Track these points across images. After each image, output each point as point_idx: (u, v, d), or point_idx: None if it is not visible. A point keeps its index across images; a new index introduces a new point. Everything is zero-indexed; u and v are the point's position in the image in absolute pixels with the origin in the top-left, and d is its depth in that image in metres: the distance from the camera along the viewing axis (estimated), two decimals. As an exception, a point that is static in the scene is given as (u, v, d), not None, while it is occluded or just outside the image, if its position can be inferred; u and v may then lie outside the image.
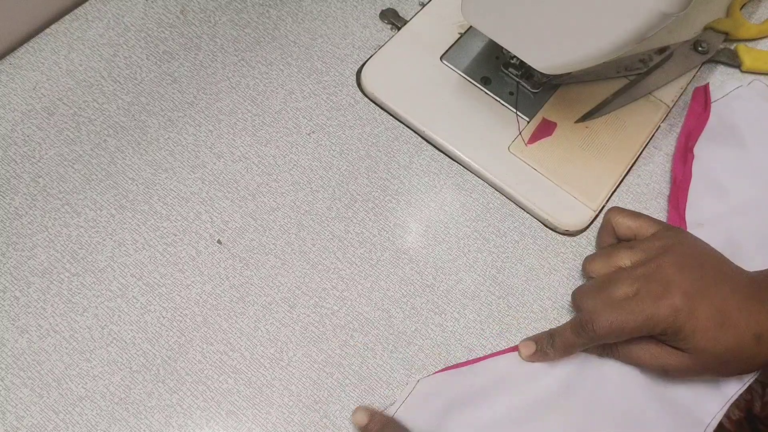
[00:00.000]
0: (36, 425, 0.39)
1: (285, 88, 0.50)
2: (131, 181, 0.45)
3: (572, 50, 0.40)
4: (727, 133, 0.49)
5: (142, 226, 0.44)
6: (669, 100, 0.52)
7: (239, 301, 0.43)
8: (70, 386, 0.40)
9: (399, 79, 0.50)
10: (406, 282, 0.44)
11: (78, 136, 0.46)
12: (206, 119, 0.48)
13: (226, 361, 0.41)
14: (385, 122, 0.49)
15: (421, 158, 0.48)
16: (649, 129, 0.51)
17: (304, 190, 0.46)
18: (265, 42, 0.51)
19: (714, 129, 0.49)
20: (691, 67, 0.53)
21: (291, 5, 0.53)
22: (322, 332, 0.43)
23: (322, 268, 0.44)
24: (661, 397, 0.41)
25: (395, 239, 0.46)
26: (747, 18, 0.55)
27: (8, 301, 0.41)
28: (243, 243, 0.44)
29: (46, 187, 0.44)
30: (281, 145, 0.48)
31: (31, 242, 0.43)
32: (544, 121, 0.50)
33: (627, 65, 0.52)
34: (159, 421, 0.39)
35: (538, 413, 0.40)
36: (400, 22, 0.53)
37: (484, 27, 0.44)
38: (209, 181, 0.46)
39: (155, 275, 0.43)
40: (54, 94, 0.47)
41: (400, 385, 0.42)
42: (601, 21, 0.37)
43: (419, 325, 0.43)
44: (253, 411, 0.40)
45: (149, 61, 0.49)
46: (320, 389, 0.41)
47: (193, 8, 0.51)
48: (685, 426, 0.41)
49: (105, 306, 0.42)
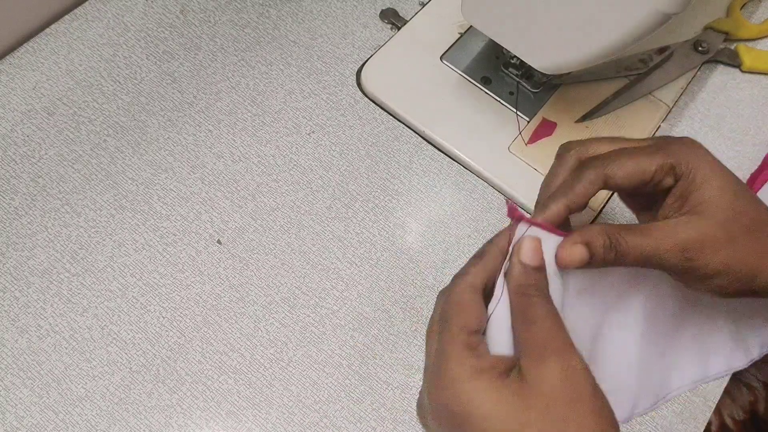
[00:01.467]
0: (36, 425, 0.39)
1: (285, 88, 0.50)
2: (131, 181, 0.45)
3: (572, 50, 0.40)
4: None
5: (142, 226, 0.44)
6: (669, 100, 0.52)
7: (239, 301, 0.43)
8: (70, 386, 0.40)
9: (399, 79, 0.50)
10: (406, 282, 0.44)
11: (78, 136, 0.46)
12: (206, 119, 0.48)
13: (226, 361, 0.41)
14: (385, 122, 0.49)
15: (421, 158, 0.48)
16: (649, 129, 0.51)
17: (304, 190, 0.46)
18: (265, 42, 0.51)
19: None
20: (691, 67, 0.53)
21: (291, 5, 0.53)
22: (322, 332, 0.42)
23: (322, 268, 0.44)
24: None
25: (395, 239, 0.46)
26: (747, 18, 0.55)
27: (8, 301, 0.41)
28: (243, 243, 0.44)
29: (46, 187, 0.44)
30: (281, 145, 0.48)
31: (31, 242, 0.43)
32: (544, 121, 0.50)
33: (627, 65, 0.52)
34: (159, 421, 0.39)
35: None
36: (400, 21, 0.53)
37: (484, 27, 0.44)
38: (209, 181, 0.46)
39: (155, 275, 0.43)
40: (54, 94, 0.47)
41: (400, 385, 0.42)
42: (601, 21, 0.37)
43: (419, 325, 0.43)
44: (253, 411, 0.40)
45: (149, 61, 0.49)
46: (320, 389, 0.41)
47: (193, 8, 0.51)
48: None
49: (105, 306, 0.42)
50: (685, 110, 0.53)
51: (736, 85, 0.55)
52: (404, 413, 0.41)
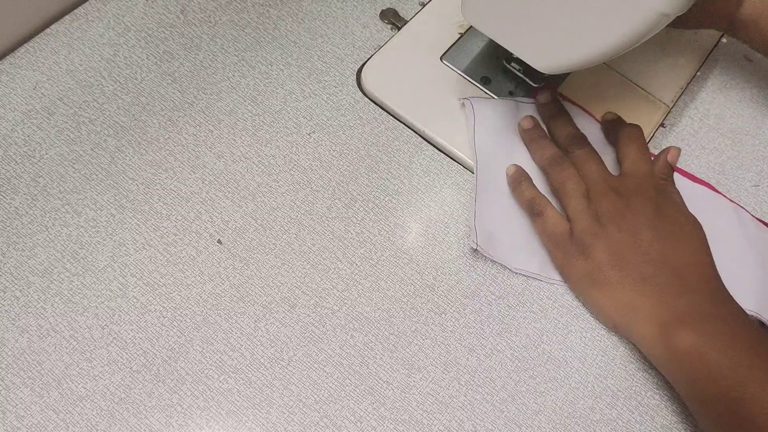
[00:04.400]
0: (36, 425, 0.39)
1: (285, 88, 0.50)
2: (131, 181, 0.45)
3: (572, 50, 0.40)
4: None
5: (142, 226, 0.44)
6: (669, 100, 0.52)
7: (239, 300, 0.43)
8: (70, 386, 0.40)
9: (399, 79, 0.50)
10: (406, 282, 0.45)
11: (78, 136, 0.46)
12: (206, 119, 0.48)
13: (226, 360, 0.41)
14: (385, 122, 0.49)
15: (421, 158, 0.48)
16: (649, 129, 0.51)
17: (304, 190, 0.46)
18: (265, 42, 0.51)
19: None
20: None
21: (291, 5, 0.53)
22: (322, 332, 0.43)
23: (322, 268, 0.44)
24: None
25: (395, 239, 0.46)
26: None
27: (8, 301, 0.41)
28: (243, 243, 0.44)
29: (46, 187, 0.44)
30: (281, 145, 0.48)
31: (31, 242, 0.43)
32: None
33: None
34: (159, 421, 0.39)
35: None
36: (400, 22, 0.53)
37: (484, 27, 0.44)
38: (209, 180, 0.46)
39: (155, 275, 0.43)
40: (54, 94, 0.47)
41: (400, 386, 0.42)
42: (601, 21, 0.37)
43: (419, 325, 0.43)
44: (253, 411, 0.40)
45: (149, 61, 0.49)
46: (320, 389, 0.41)
47: (193, 8, 0.51)
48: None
49: (105, 306, 0.42)
50: (685, 110, 0.53)
51: (736, 85, 0.55)
52: (404, 413, 0.41)
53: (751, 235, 0.47)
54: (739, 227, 0.47)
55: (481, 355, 0.43)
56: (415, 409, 0.41)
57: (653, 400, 0.43)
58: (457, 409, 0.42)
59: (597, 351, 0.44)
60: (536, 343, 0.44)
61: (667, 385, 0.43)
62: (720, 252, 0.43)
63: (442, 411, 0.41)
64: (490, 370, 0.43)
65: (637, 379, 0.44)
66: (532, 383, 0.43)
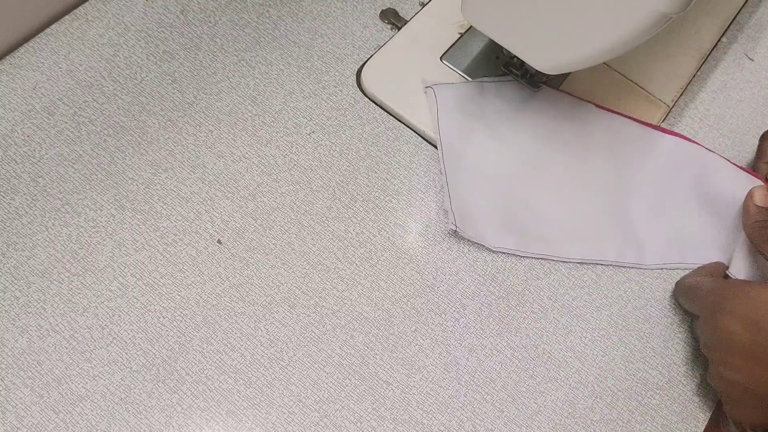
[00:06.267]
0: (36, 425, 0.39)
1: (285, 88, 0.50)
2: (131, 181, 0.45)
3: (572, 50, 0.40)
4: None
5: (142, 226, 0.44)
6: (669, 100, 0.52)
7: (239, 301, 0.43)
8: (70, 386, 0.40)
9: (399, 79, 0.50)
10: (406, 282, 0.45)
11: (78, 136, 0.46)
12: (206, 119, 0.48)
13: (226, 360, 0.41)
14: (385, 122, 0.49)
15: (421, 158, 0.48)
16: (649, 129, 0.51)
17: (304, 190, 0.46)
18: (265, 42, 0.51)
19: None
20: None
21: (291, 5, 0.53)
22: (322, 332, 0.43)
23: (322, 268, 0.44)
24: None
25: (395, 239, 0.46)
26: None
27: (8, 301, 0.41)
28: (243, 243, 0.44)
29: (46, 187, 0.44)
30: (281, 145, 0.48)
31: (31, 242, 0.43)
32: (544, 121, 0.50)
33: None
34: (159, 421, 0.39)
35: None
36: (400, 22, 0.53)
37: (484, 27, 0.44)
38: (209, 180, 0.46)
39: (155, 275, 0.43)
40: (54, 94, 0.47)
41: (400, 385, 0.42)
42: (601, 21, 0.37)
43: (419, 325, 0.43)
44: (253, 411, 0.40)
45: (149, 61, 0.49)
46: (320, 389, 0.41)
47: (193, 8, 0.51)
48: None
49: (105, 306, 0.42)
50: (685, 110, 0.53)
51: (736, 85, 0.55)
52: (404, 413, 0.41)
53: (731, 178, 0.48)
54: (719, 173, 0.49)
55: (481, 355, 0.43)
56: (415, 409, 0.41)
57: (653, 400, 0.43)
58: (457, 409, 0.42)
59: (597, 351, 0.44)
60: (536, 343, 0.44)
61: (667, 385, 0.43)
62: (706, 201, 0.47)
63: (442, 411, 0.41)
64: (490, 370, 0.43)
65: (637, 379, 0.44)
66: (532, 383, 0.43)
